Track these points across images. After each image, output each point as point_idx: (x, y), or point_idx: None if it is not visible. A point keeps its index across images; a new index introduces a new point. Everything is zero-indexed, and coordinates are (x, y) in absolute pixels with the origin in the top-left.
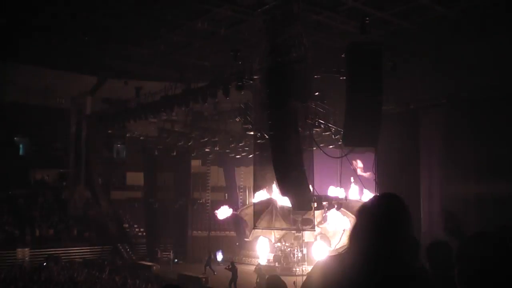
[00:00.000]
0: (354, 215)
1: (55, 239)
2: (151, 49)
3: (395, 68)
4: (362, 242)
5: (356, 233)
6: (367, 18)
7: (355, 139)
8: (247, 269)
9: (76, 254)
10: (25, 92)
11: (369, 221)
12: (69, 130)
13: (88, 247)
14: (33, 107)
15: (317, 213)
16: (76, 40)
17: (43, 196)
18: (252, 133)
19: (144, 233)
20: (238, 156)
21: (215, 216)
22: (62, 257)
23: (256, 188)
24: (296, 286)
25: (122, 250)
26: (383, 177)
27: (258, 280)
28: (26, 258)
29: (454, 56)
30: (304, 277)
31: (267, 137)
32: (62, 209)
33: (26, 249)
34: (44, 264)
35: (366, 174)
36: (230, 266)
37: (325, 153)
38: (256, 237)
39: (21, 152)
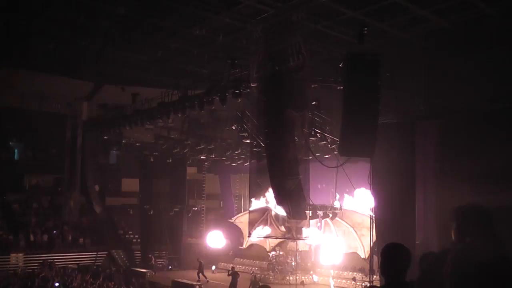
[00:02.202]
0: None
1: (49, 245)
2: (148, 55)
3: (392, 79)
4: None
5: None
6: (366, 28)
7: (351, 149)
8: (241, 277)
9: (71, 260)
10: (21, 97)
11: None
12: (65, 135)
13: (83, 253)
14: (28, 112)
15: (312, 222)
16: (72, 45)
17: (37, 201)
18: (248, 141)
19: (139, 240)
20: (234, 164)
21: (209, 224)
22: (56, 263)
23: (252, 196)
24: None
25: (117, 256)
26: (378, 187)
27: None
28: (20, 264)
29: (451, 68)
30: (298, 286)
31: (263, 145)
32: (56, 215)
33: (20, 254)
34: (38, 269)
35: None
36: (231, 272)
37: (321, 162)
38: (251, 245)
39: (16, 157)
